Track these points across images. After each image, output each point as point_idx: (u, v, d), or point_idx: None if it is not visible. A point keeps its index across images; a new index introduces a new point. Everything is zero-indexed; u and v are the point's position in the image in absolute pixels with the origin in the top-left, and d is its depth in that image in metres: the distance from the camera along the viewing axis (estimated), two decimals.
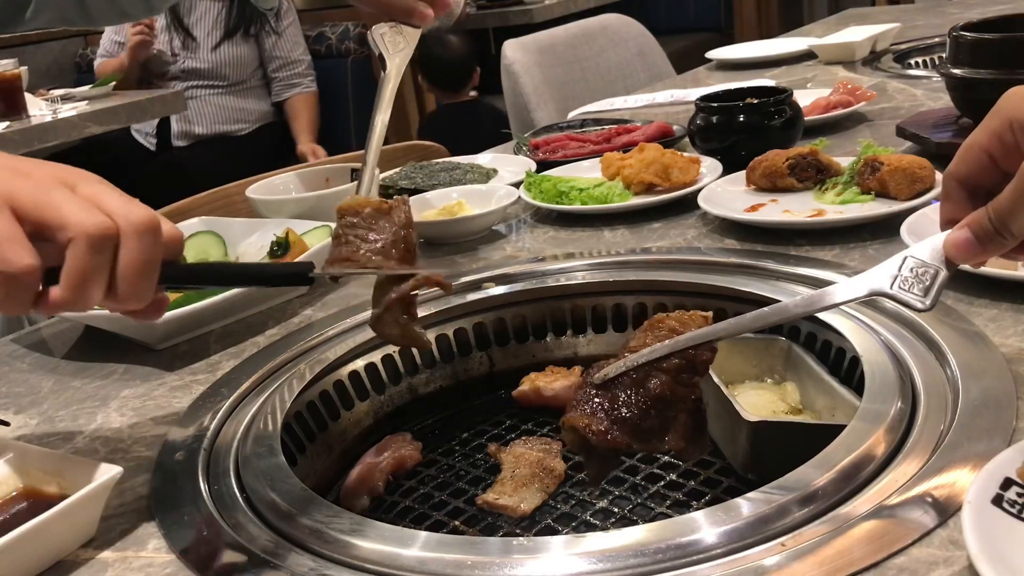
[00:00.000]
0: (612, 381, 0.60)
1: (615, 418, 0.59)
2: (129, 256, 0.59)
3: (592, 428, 0.58)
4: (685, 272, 0.99)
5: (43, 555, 0.63)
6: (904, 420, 0.66)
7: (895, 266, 0.59)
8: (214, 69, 3.47)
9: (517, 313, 1.02)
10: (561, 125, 1.82)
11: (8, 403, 0.92)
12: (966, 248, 0.57)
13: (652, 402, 0.59)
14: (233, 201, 1.52)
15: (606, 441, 0.58)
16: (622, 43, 2.63)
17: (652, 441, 0.60)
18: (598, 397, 0.60)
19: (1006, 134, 0.56)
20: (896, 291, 0.58)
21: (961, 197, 0.59)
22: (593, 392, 0.60)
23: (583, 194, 1.25)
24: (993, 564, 0.47)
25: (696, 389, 0.61)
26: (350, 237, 0.68)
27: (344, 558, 0.60)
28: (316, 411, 0.90)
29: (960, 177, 0.59)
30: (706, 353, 0.62)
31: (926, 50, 2.09)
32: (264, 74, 3.59)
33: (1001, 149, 0.57)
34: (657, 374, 0.60)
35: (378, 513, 0.81)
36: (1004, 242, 0.56)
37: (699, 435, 0.62)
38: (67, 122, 2.74)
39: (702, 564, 0.55)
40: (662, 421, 0.60)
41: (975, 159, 0.58)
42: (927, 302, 0.57)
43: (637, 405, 0.59)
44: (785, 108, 1.32)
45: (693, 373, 0.61)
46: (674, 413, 0.60)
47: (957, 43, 1.23)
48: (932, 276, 0.58)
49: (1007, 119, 0.56)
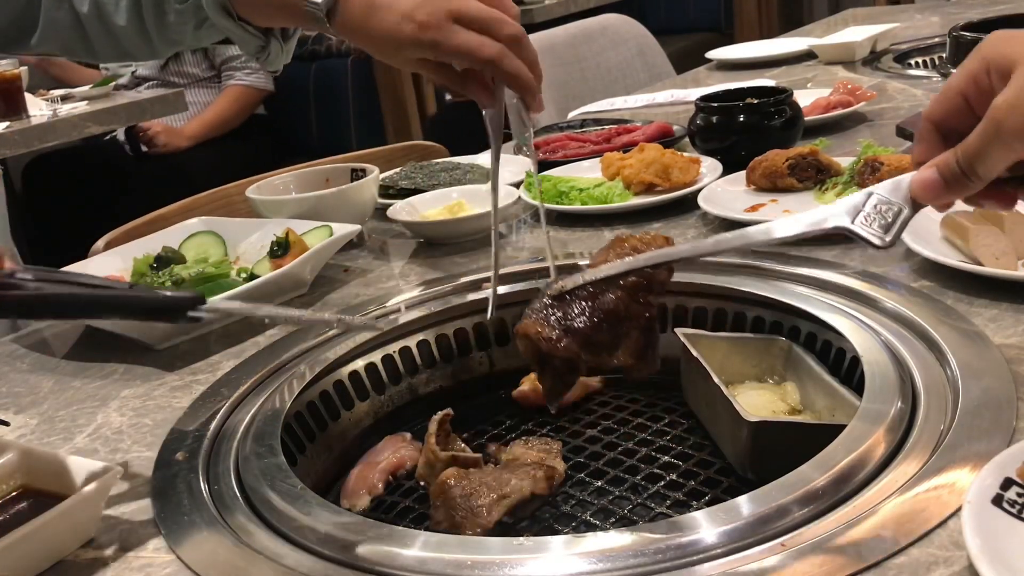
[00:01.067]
0: (570, 293, 0.61)
1: (567, 328, 0.59)
2: None
3: (544, 335, 0.59)
4: (685, 272, 0.99)
5: (43, 555, 0.63)
6: (904, 420, 0.66)
7: (859, 201, 0.58)
8: (166, 77, 3.44)
9: (517, 313, 1.01)
10: (561, 125, 1.82)
11: (8, 403, 0.92)
12: (932, 188, 0.57)
13: (605, 316, 0.60)
14: (233, 201, 1.52)
15: (556, 350, 0.59)
16: (622, 43, 2.63)
17: (602, 355, 0.61)
18: (553, 308, 0.61)
19: (982, 77, 0.56)
20: (857, 227, 0.57)
21: (935, 140, 0.59)
22: (549, 303, 0.61)
23: (583, 194, 1.25)
24: (993, 564, 0.47)
25: (651, 308, 0.63)
26: None
27: (344, 558, 0.61)
28: (316, 411, 0.90)
29: (935, 119, 0.59)
30: (664, 273, 0.63)
31: (926, 50, 2.09)
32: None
33: (976, 92, 0.56)
34: (614, 290, 0.61)
35: (378, 513, 0.81)
36: (969, 184, 0.56)
37: (650, 353, 0.63)
38: (67, 122, 2.73)
39: (702, 564, 0.55)
40: (614, 336, 0.61)
41: (950, 101, 0.58)
42: (887, 239, 0.57)
43: (591, 318, 0.60)
44: (785, 108, 1.32)
45: (649, 292, 0.62)
46: (627, 330, 0.61)
47: (957, 43, 1.24)
48: (895, 214, 0.57)
49: (984, 61, 0.55)
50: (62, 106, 2.89)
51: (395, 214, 1.25)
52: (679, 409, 0.89)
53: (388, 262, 1.18)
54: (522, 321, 0.61)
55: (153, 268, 1.12)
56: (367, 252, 1.23)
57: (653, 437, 0.85)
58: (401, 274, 1.13)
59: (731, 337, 0.88)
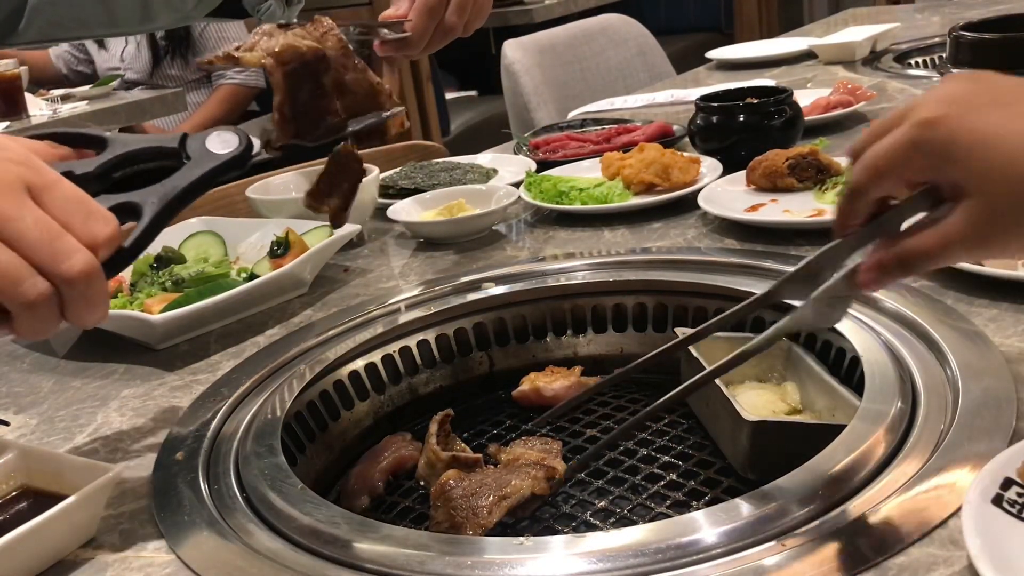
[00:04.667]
0: None
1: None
2: (73, 308, 0.58)
3: None
4: (685, 272, 0.99)
5: (43, 555, 0.63)
6: (904, 420, 0.66)
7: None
8: (156, 82, 3.44)
9: (517, 313, 1.02)
10: (561, 125, 1.82)
11: (8, 403, 0.92)
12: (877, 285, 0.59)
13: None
14: (233, 201, 1.52)
15: None
16: (622, 43, 2.63)
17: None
18: None
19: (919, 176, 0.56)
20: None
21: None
22: None
23: (583, 194, 1.25)
24: (993, 564, 0.47)
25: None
26: None
27: (344, 558, 0.61)
28: (316, 411, 0.90)
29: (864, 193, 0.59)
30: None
31: (926, 50, 2.09)
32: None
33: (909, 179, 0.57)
34: None
35: (378, 513, 0.81)
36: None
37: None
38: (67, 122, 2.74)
39: (702, 564, 0.55)
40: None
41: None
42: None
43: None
44: (785, 108, 1.32)
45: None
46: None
47: (957, 43, 1.24)
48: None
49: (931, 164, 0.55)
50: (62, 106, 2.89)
51: (395, 214, 1.25)
52: (679, 409, 0.89)
53: (388, 262, 1.18)
54: None
55: (153, 268, 1.12)
56: (367, 252, 1.23)
57: (653, 437, 0.85)
58: (401, 274, 1.13)
59: (731, 337, 0.88)
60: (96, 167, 0.65)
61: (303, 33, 0.76)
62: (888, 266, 0.57)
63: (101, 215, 0.60)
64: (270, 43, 0.74)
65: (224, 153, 0.68)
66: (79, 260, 0.57)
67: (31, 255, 0.56)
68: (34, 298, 0.56)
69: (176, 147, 0.68)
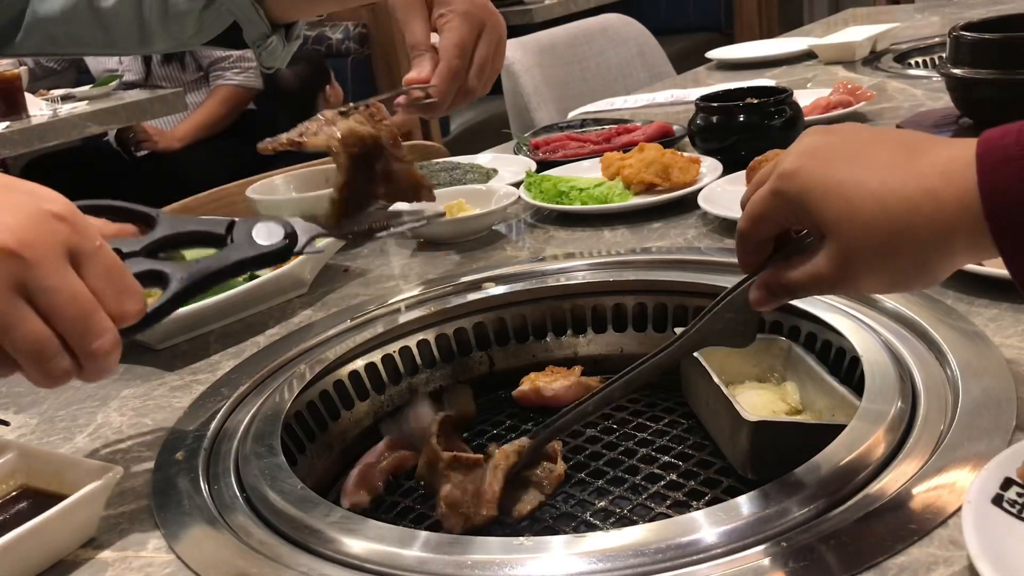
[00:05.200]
0: None
1: None
2: (86, 374, 0.60)
3: None
4: (685, 272, 0.99)
5: (43, 555, 0.63)
6: (904, 420, 0.66)
7: None
8: (154, 83, 3.43)
9: (517, 313, 1.02)
10: (561, 125, 1.82)
11: (8, 403, 0.92)
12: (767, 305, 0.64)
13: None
14: (233, 201, 1.52)
15: None
16: (622, 43, 2.63)
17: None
18: None
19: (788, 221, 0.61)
20: None
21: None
22: None
23: (583, 194, 1.25)
24: (993, 564, 0.47)
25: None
26: None
27: (344, 558, 0.61)
28: (316, 411, 0.90)
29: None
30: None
31: (926, 50, 2.09)
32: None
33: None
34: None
35: (378, 513, 0.81)
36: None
37: None
38: (67, 122, 2.74)
39: (702, 564, 0.55)
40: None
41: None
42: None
43: None
44: (785, 108, 1.32)
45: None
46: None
47: (957, 43, 1.23)
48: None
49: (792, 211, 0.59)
50: (62, 106, 2.89)
51: None
52: (679, 409, 0.89)
53: (388, 262, 1.18)
54: None
55: None
56: (367, 252, 1.23)
57: (653, 437, 0.85)
58: (401, 274, 1.13)
59: None
60: (142, 247, 0.67)
61: (361, 119, 0.80)
62: (773, 289, 0.62)
63: (134, 291, 0.61)
64: (331, 129, 0.79)
65: (265, 245, 0.70)
66: (107, 340, 0.58)
67: (63, 329, 0.57)
68: (57, 375, 0.58)
69: (223, 232, 0.70)
